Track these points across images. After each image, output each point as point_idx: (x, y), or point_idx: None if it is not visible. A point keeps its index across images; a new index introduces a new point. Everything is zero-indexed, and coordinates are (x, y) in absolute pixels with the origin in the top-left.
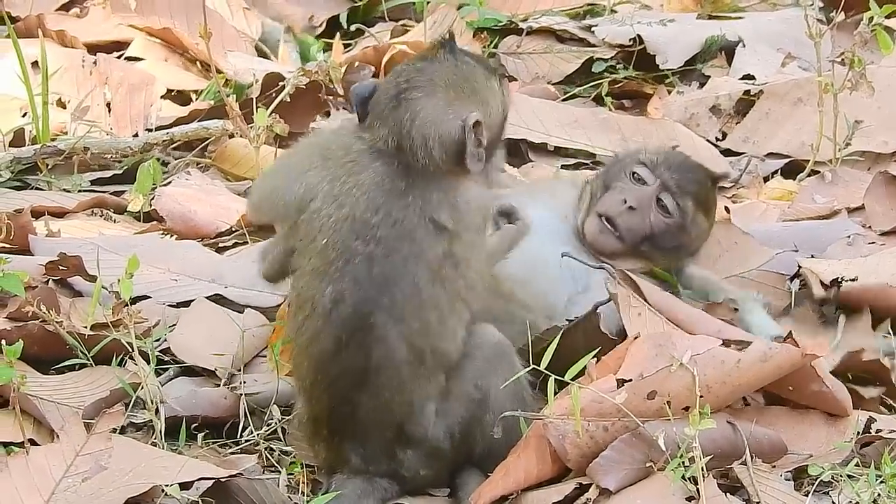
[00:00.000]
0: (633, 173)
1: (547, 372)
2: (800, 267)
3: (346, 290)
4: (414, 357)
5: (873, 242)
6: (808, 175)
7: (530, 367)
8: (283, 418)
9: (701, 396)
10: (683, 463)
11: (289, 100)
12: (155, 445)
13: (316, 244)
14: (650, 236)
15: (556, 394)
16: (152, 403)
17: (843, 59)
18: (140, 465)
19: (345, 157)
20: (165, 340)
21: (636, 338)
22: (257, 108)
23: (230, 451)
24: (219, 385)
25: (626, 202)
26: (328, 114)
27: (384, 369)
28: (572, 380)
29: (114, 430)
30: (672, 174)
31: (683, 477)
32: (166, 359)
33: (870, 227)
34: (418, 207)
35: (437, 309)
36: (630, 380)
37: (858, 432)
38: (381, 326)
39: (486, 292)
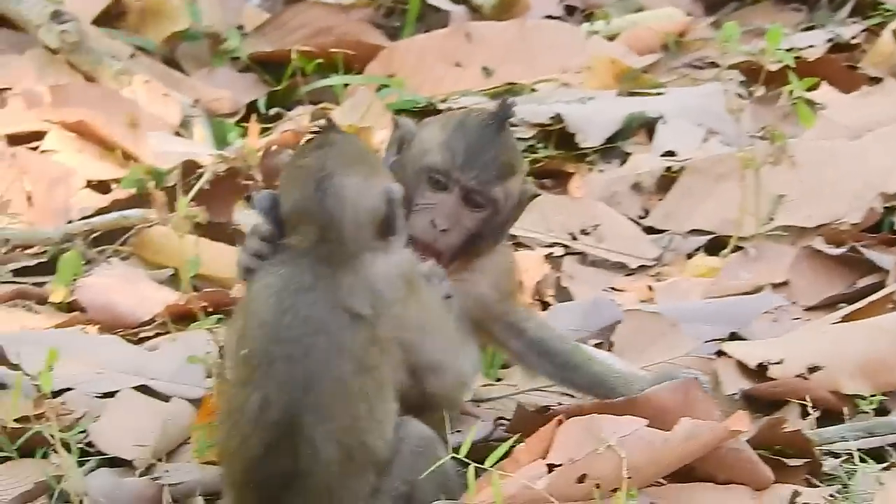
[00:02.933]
0: (430, 179)
1: (467, 460)
2: (721, 353)
3: (271, 394)
4: (343, 456)
5: (798, 318)
6: (732, 251)
7: (450, 456)
8: None
9: (629, 478)
10: None
11: (208, 187)
12: None
13: (239, 356)
14: (472, 235)
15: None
16: (76, 496)
17: (763, 134)
18: None
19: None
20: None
21: (560, 421)
22: (177, 196)
23: None
24: (142, 475)
25: (435, 226)
26: (249, 199)
27: (313, 472)
28: (493, 465)
29: None
30: (468, 170)
31: None
32: (91, 451)
33: (794, 302)
34: (329, 299)
35: (365, 400)
36: (560, 465)
37: None
38: (309, 427)
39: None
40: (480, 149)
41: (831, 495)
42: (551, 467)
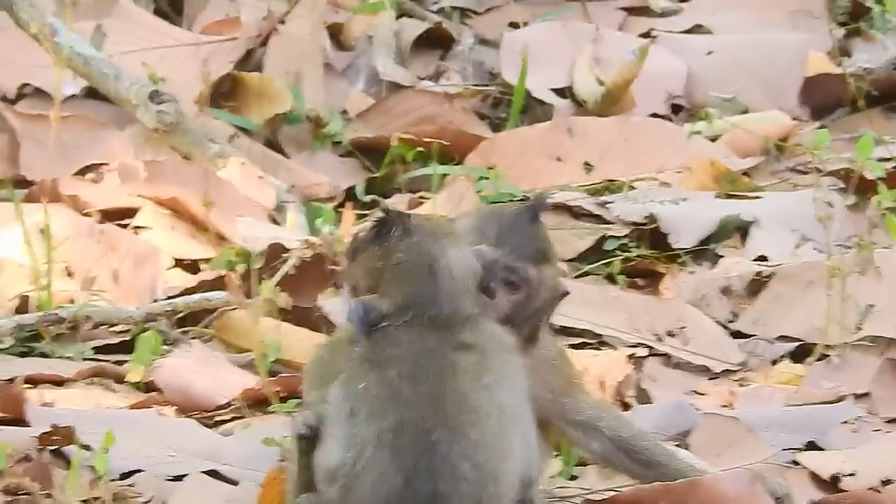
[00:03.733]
0: None
1: None
2: (795, 463)
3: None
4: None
5: (879, 429)
6: (818, 360)
7: None
8: None
9: None
10: None
11: (294, 272)
12: None
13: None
14: (507, 320)
15: None
16: None
17: (852, 243)
18: None
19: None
20: None
21: None
22: (261, 279)
23: None
24: None
25: None
26: (336, 286)
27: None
28: None
29: None
30: (502, 247)
31: None
32: None
33: (876, 413)
34: (450, 342)
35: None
36: None
37: None
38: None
39: None
40: (514, 231)
41: None
42: None
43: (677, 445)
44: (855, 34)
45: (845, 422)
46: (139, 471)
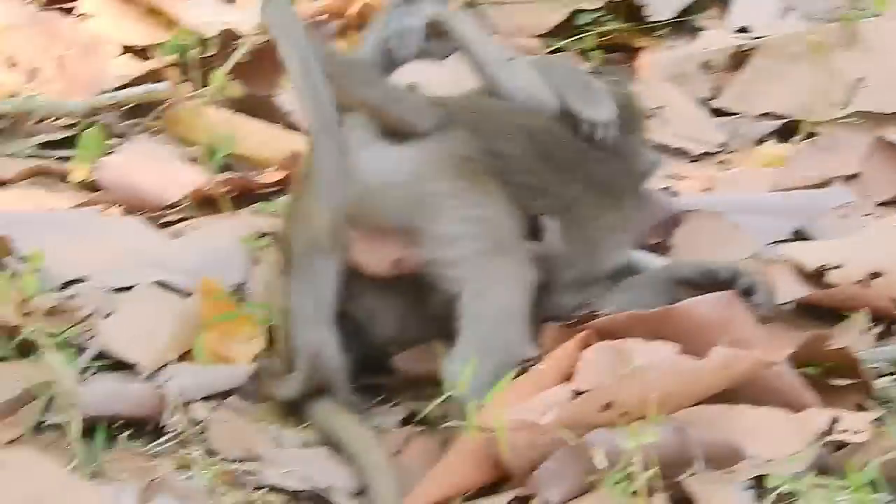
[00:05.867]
0: None
1: None
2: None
3: None
4: None
5: (869, 214)
6: (804, 138)
7: None
8: (210, 415)
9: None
10: (629, 476)
11: (248, 59)
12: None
13: None
14: None
15: None
16: (67, 404)
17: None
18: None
19: None
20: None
21: (587, 342)
22: (213, 67)
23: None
24: (147, 380)
25: None
26: None
27: None
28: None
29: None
30: None
31: (632, 491)
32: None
33: (866, 196)
34: None
35: None
36: (586, 390)
37: (820, 434)
38: None
39: None
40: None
41: (878, 419)
42: (576, 393)
43: (658, 243)
44: None
45: (834, 207)
46: (81, 280)
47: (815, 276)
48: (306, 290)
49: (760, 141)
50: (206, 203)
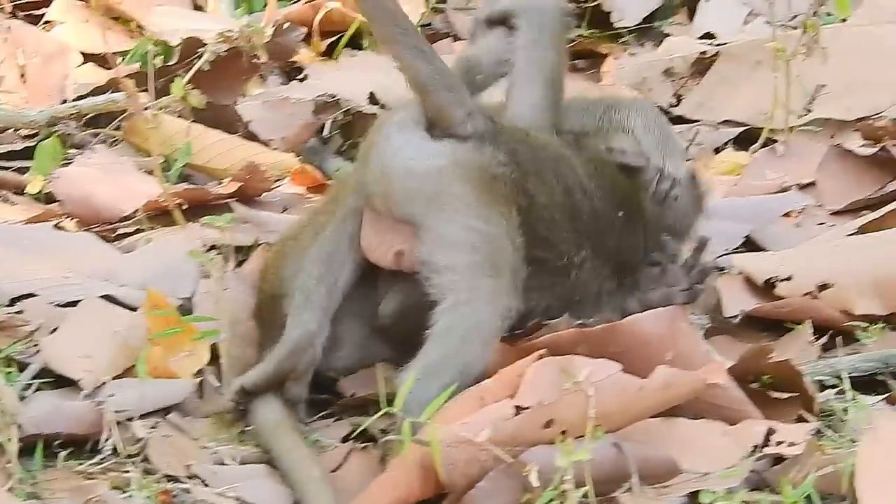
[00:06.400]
0: None
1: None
2: (723, 268)
3: None
4: None
5: (823, 223)
6: (763, 146)
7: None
8: (150, 433)
9: (598, 425)
10: (563, 493)
11: (209, 67)
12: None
13: None
14: None
15: None
16: (6, 422)
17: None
18: None
19: None
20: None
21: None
22: (175, 76)
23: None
24: (87, 397)
25: None
26: (263, 77)
27: None
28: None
29: None
30: None
31: None
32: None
33: (821, 204)
34: None
35: None
36: (528, 407)
37: (756, 447)
38: None
39: None
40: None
41: (818, 431)
42: (518, 409)
43: None
44: None
45: (787, 214)
46: (31, 295)
47: (765, 288)
48: (322, 275)
49: (718, 150)
50: (160, 215)
